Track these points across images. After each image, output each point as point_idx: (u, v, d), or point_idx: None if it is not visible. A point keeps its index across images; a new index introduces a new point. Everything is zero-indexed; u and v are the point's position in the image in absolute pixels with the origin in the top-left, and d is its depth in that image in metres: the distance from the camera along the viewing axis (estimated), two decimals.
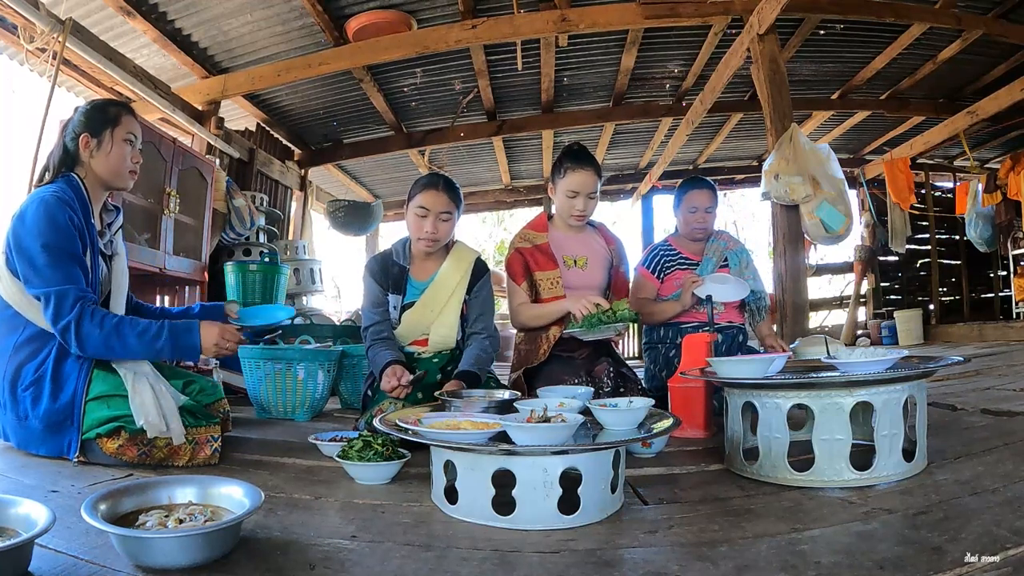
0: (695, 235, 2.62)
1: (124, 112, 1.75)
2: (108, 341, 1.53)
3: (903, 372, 1.33)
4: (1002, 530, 0.95)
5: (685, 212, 2.61)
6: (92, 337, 1.52)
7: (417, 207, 2.06)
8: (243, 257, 4.57)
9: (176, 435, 1.54)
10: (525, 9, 4.31)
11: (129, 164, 1.75)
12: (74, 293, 1.52)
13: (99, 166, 1.70)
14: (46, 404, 1.54)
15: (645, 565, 0.91)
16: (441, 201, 2.05)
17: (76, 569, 0.88)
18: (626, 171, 8.20)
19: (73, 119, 1.73)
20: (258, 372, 2.51)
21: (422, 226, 2.06)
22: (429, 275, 2.15)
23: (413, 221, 2.09)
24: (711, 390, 1.96)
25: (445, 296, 2.12)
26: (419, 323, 2.13)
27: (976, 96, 5.56)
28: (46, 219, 1.53)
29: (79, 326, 1.51)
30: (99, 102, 1.79)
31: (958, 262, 7.32)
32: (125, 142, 1.73)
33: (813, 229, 3.66)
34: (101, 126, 1.70)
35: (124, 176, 1.75)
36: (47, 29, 3.23)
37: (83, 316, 1.52)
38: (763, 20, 3.68)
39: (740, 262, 2.62)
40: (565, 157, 2.33)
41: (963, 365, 1.50)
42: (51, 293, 1.51)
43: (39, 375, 1.57)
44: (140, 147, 1.80)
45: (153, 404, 1.53)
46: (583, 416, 1.32)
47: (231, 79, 4.69)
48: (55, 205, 1.55)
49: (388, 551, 0.98)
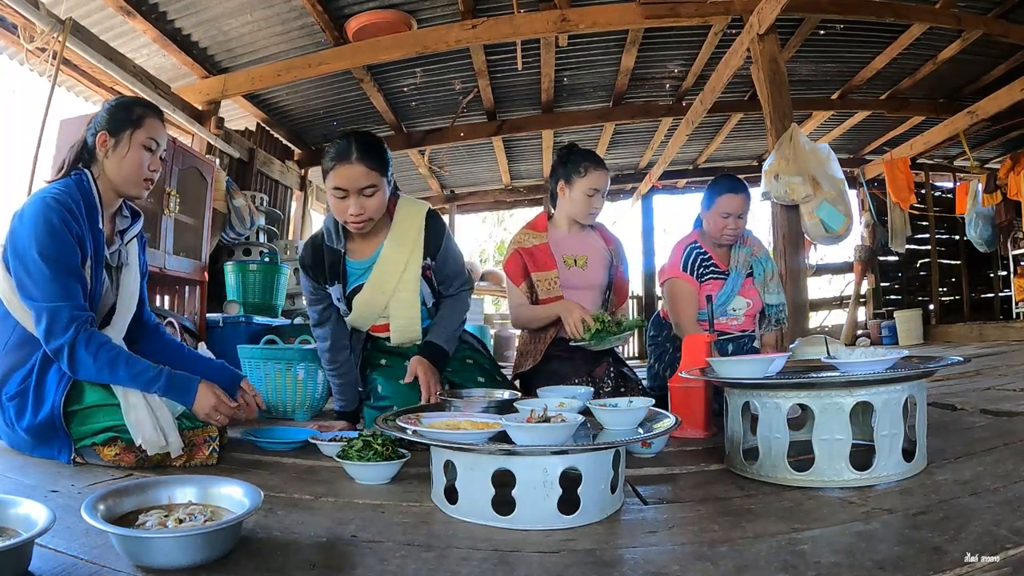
0: (725, 241, 2.45)
1: (149, 115, 1.64)
2: (100, 373, 1.46)
3: (903, 372, 1.33)
4: (1002, 530, 0.95)
5: (717, 216, 2.41)
6: (85, 365, 1.45)
7: (333, 188, 1.70)
8: (243, 257, 4.57)
9: (174, 448, 1.49)
10: (525, 9, 4.31)
11: (145, 172, 1.63)
12: (68, 312, 1.44)
13: (112, 168, 1.60)
14: (28, 419, 1.49)
15: (645, 565, 0.91)
16: (358, 173, 1.66)
17: (76, 569, 0.88)
18: (626, 171, 8.20)
19: (98, 114, 1.63)
20: (258, 372, 2.51)
21: (344, 208, 1.70)
22: (372, 252, 1.84)
23: (333, 204, 1.73)
24: (711, 390, 1.96)
25: (397, 272, 1.82)
26: (372, 308, 1.87)
27: (976, 96, 5.56)
28: (43, 224, 1.45)
29: (73, 351, 1.44)
30: (126, 100, 1.69)
31: (958, 262, 7.33)
32: (144, 147, 1.62)
33: (813, 229, 3.66)
34: (122, 126, 1.60)
35: (137, 183, 1.63)
36: (47, 29, 3.23)
37: (78, 341, 1.44)
38: (763, 20, 3.68)
39: (764, 273, 2.49)
40: (580, 157, 2.31)
41: (963, 365, 1.50)
42: (44, 309, 1.43)
43: (23, 388, 1.51)
44: (162, 156, 1.68)
45: (149, 419, 1.46)
46: (583, 416, 1.32)
47: (231, 79, 4.69)
48: (54, 209, 1.46)
49: (388, 551, 0.97)
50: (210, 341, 3.51)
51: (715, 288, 2.43)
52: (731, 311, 2.45)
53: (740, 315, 2.47)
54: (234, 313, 3.98)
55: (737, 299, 2.46)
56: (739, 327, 2.48)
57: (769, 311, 2.49)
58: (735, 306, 2.46)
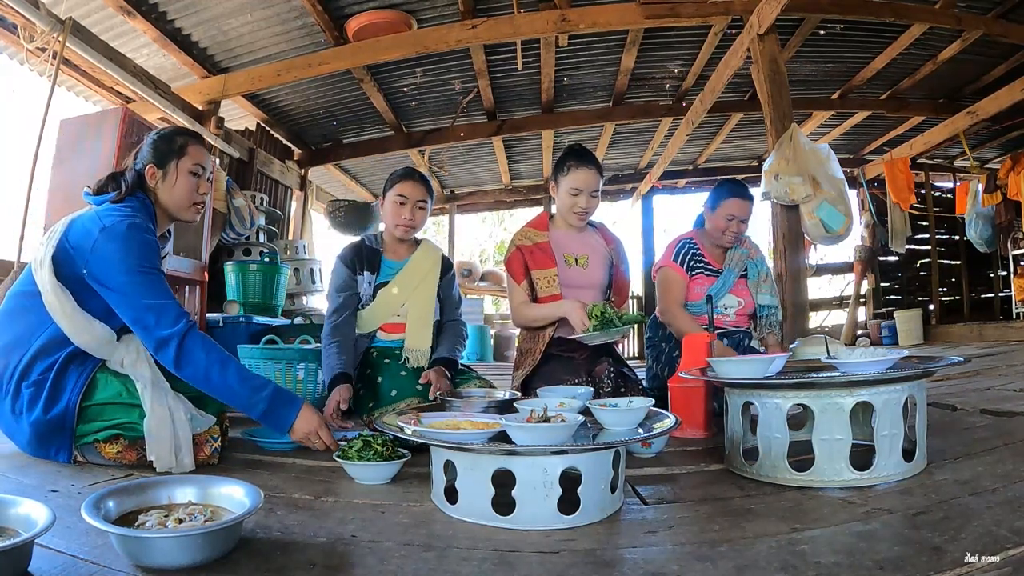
0: (724, 243, 2.50)
1: (192, 142, 1.72)
2: (209, 369, 1.47)
3: (903, 372, 1.33)
4: (1002, 530, 0.95)
5: (720, 218, 2.45)
6: (195, 358, 1.47)
7: (397, 195, 2.19)
8: (243, 257, 4.57)
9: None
10: (525, 9, 4.31)
11: (195, 196, 1.72)
12: (176, 308, 1.49)
13: (165, 197, 1.68)
14: (38, 412, 1.48)
15: (645, 565, 0.91)
16: (419, 190, 2.20)
17: (76, 569, 0.88)
18: (626, 171, 8.21)
19: (142, 148, 1.71)
20: (258, 372, 2.50)
21: (401, 213, 2.18)
22: (404, 256, 2.26)
23: (392, 209, 2.20)
24: (711, 390, 1.96)
25: (420, 276, 2.23)
26: (394, 301, 2.19)
27: (976, 96, 5.56)
28: (138, 242, 1.52)
29: (184, 341, 1.46)
30: (166, 132, 1.75)
31: (958, 262, 7.33)
32: (191, 174, 1.69)
33: (813, 229, 3.66)
34: (166, 157, 1.68)
35: (188, 209, 1.72)
36: (47, 29, 3.23)
37: (190, 334, 1.47)
38: (763, 20, 3.68)
39: (759, 274, 2.54)
40: (568, 155, 2.34)
41: (963, 365, 1.50)
42: (148, 307, 1.47)
43: (42, 378, 1.51)
44: (209, 178, 1.76)
45: (168, 438, 1.46)
46: (583, 416, 1.32)
47: (231, 79, 4.70)
48: (144, 229, 1.55)
49: (388, 551, 0.97)
50: None
51: (704, 284, 2.49)
52: (722, 308, 2.50)
53: (731, 313, 2.52)
54: (234, 313, 3.98)
55: (728, 297, 2.51)
56: (732, 323, 2.53)
57: (761, 312, 2.55)
58: (726, 303, 2.51)
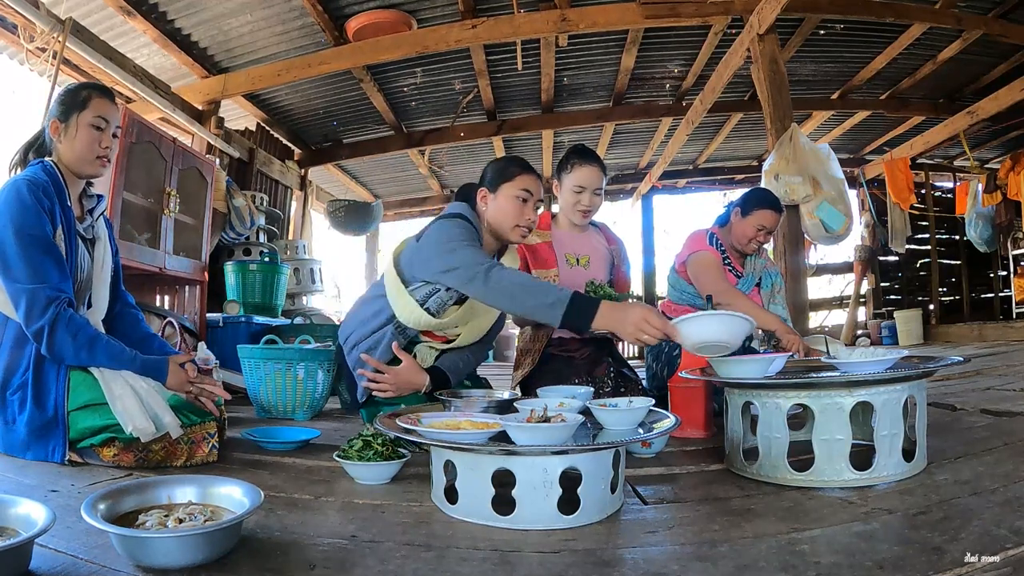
0: (748, 250, 2.50)
1: (96, 95, 1.66)
2: (79, 353, 1.50)
3: (903, 372, 1.33)
4: (1002, 530, 0.95)
5: (750, 226, 2.43)
6: (64, 346, 1.48)
7: (521, 189, 1.86)
8: (243, 257, 4.57)
9: (172, 428, 1.50)
10: (525, 9, 4.31)
11: (96, 150, 1.65)
12: (46, 293, 1.47)
13: (65, 152, 1.64)
14: (30, 410, 1.50)
15: (645, 565, 0.91)
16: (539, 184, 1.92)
17: (76, 569, 0.88)
18: (626, 171, 8.21)
19: (51, 106, 1.69)
20: (258, 372, 2.51)
21: (523, 211, 1.87)
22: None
23: (513, 206, 1.87)
24: (711, 390, 1.96)
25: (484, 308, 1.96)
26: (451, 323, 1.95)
27: (976, 96, 5.56)
28: (16, 202, 1.49)
29: (52, 332, 1.47)
30: (72, 85, 1.72)
31: (958, 262, 7.32)
32: (92, 127, 1.64)
33: (813, 229, 3.66)
34: (70, 110, 1.64)
35: (90, 162, 1.66)
36: (47, 29, 3.23)
37: (58, 321, 1.47)
38: (763, 20, 3.68)
39: (773, 286, 2.58)
40: (571, 154, 2.34)
41: (963, 365, 1.50)
42: (23, 292, 1.47)
43: (24, 380, 1.53)
44: (114, 133, 1.70)
45: (137, 407, 1.48)
46: (583, 416, 1.32)
47: (231, 79, 4.70)
48: (24, 187, 1.51)
49: (388, 551, 0.97)
50: (210, 341, 3.51)
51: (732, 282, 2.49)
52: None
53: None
54: (234, 313, 3.98)
55: None
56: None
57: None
58: None
